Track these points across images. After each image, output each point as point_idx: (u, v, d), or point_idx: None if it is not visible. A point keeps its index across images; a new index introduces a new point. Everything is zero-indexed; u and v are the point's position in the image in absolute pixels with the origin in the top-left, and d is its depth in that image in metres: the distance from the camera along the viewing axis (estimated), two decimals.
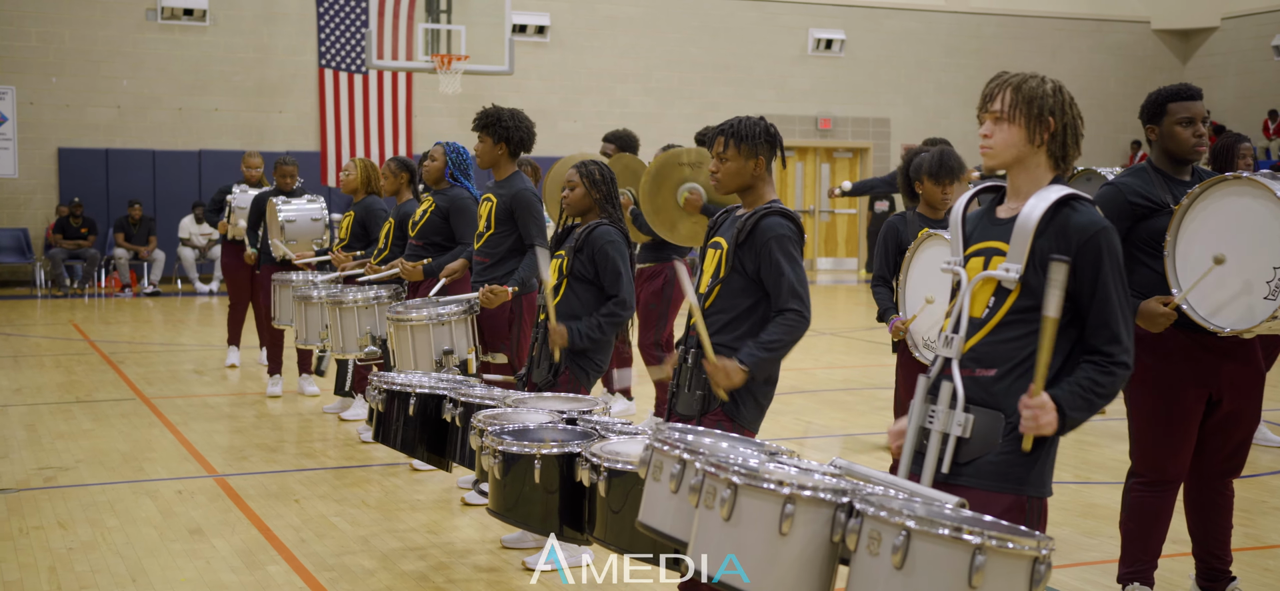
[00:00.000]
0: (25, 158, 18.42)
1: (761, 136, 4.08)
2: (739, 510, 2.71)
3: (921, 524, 2.49)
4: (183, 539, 5.60)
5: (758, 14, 22.20)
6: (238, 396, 9.41)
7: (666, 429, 3.12)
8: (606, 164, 5.24)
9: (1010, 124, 2.97)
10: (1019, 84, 2.99)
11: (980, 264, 3.00)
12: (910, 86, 23.30)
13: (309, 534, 5.68)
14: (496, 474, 3.82)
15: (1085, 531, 5.74)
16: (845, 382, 10.46)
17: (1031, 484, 2.90)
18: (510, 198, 5.98)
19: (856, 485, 2.76)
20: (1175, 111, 4.22)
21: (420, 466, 6.85)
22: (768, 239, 3.96)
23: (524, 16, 20.21)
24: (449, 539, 5.64)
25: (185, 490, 6.49)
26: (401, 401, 4.78)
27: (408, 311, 6.10)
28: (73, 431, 7.92)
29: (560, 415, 4.24)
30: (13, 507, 6.09)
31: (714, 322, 4.04)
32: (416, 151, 19.74)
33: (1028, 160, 3.00)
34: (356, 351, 7.20)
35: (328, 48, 19.43)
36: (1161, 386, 4.20)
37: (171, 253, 18.40)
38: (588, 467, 3.59)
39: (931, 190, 5.52)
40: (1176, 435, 4.21)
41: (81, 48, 18.52)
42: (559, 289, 5.12)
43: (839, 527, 2.65)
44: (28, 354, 11.65)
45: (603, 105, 21.10)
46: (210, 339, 12.89)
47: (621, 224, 5.15)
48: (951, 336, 2.98)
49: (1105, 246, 2.88)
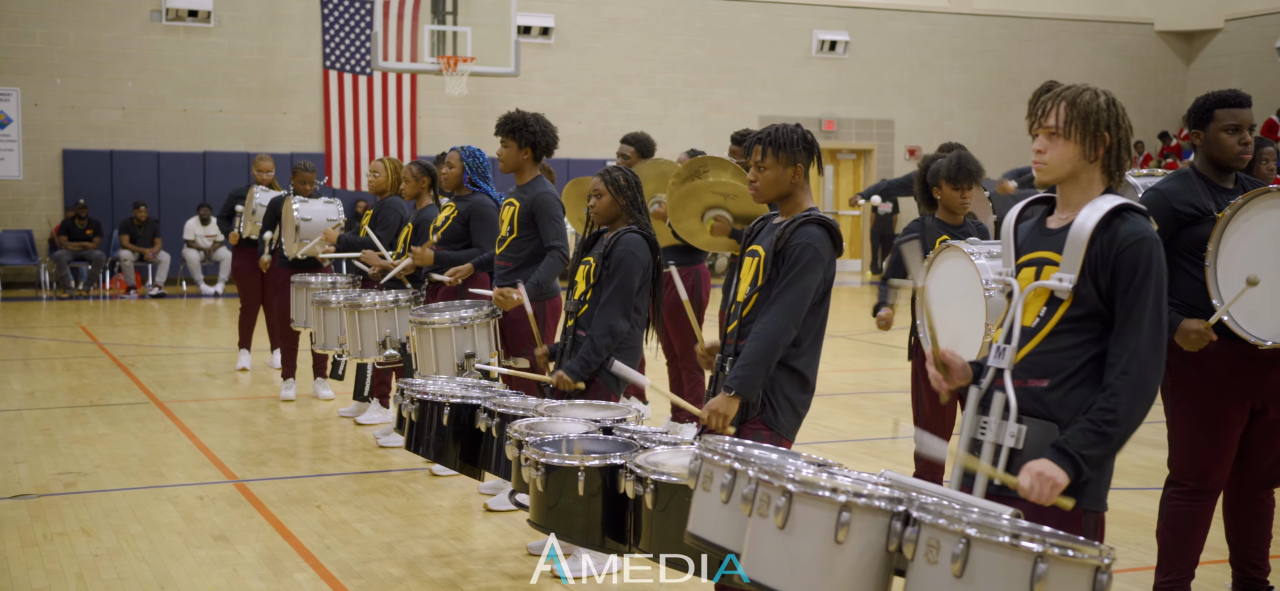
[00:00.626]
0: (30, 159, 18.39)
1: (799, 144, 4.07)
2: (794, 518, 2.69)
3: (981, 532, 2.48)
4: (207, 545, 5.59)
5: (762, 15, 22.19)
6: (251, 400, 9.39)
7: (715, 439, 3.11)
8: (631, 170, 5.22)
9: (1066, 140, 2.95)
10: (1073, 98, 2.96)
11: (1032, 274, 2.99)
12: (914, 88, 23.30)
13: (333, 540, 5.67)
14: (538, 485, 3.81)
15: (1111, 538, 5.69)
16: (857, 386, 10.45)
17: (1087, 496, 2.89)
18: (531, 201, 5.97)
19: (912, 495, 2.75)
20: (1222, 118, 4.20)
21: (440, 471, 6.83)
22: (797, 245, 3.96)
23: (528, 18, 20.20)
24: (474, 545, 5.63)
25: (206, 495, 6.47)
26: (435, 411, 4.78)
27: (429, 314, 6.09)
28: (89, 436, 7.90)
29: (596, 424, 4.23)
30: (35, 513, 6.07)
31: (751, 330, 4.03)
32: (421, 153, 19.72)
33: (1082, 175, 2.98)
34: (376, 354, 7.18)
35: (332, 49, 19.40)
36: (1203, 396, 4.19)
37: (176, 254, 18.38)
38: (632, 479, 3.58)
39: (950, 195, 5.50)
40: (1218, 445, 4.19)
41: (86, 49, 18.49)
42: (586, 296, 5.11)
43: (895, 536, 2.64)
44: (37, 357, 11.63)
45: (607, 107, 21.09)
46: (218, 341, 12.87)
47: (649, 231, 5.14)
48: (1003, 347, 2.97)
49: (1147, 257, 2.85)
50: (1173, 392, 4.28)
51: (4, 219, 18.23)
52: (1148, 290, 2.85)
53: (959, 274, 5.03)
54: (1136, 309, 2.84)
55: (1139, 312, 2.84)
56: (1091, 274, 2.88)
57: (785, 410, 4.07)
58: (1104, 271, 2.87)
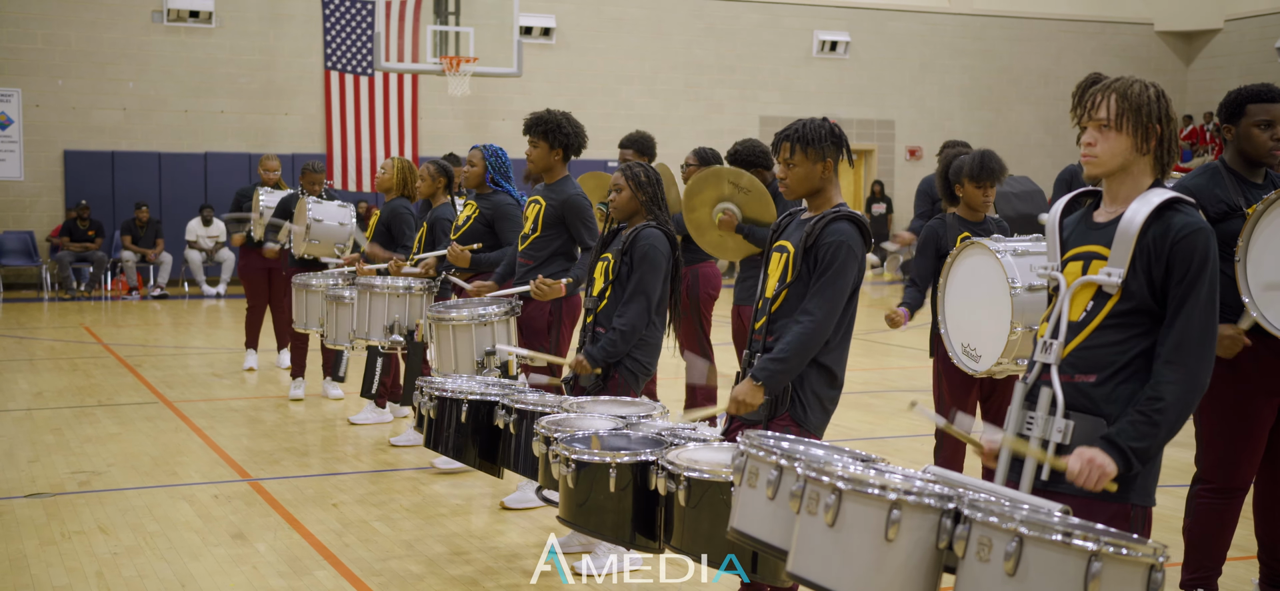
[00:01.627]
0: (31, 160, 18.34)
1: (827, 138, 4.06)
2: (844, 516, 2.68)
3: (1033, 529, 2.46)
4: (225, 543, 5.57)
5: (762, 16, 22.19)
6: (259, 399, 9.37)
7: (758, 435, 3.10)
8: (651, 166, 5.20)
9: (1117, 132, 2.92)
10: (1124, 90, 2.93)
11: (1078, 269, 2.97)
12: (915, 88, 23.31)
13: (351, 538, 5.65)
14: (569, 482, 3.79)
15: None
16: (866, 385, 10.44)
17: (1135, 492, 2.87)
18: (562, 203, 5.93)
19: (961, 492, 2.73)
20: (1254, 113, 4.18)
21: (442, 466, 6.82)
22: (830, 243, 3.96)
23: (530, 18, 20.19)
24: (495, 543, 5.61)
25: (221, 494, 6.45)
26: (454, 408, 4.76)
27: (449, 311, 6.07)
28: (100, 435, 7.87)
29: (621, 420, 4.22)
30: (51, 512, 6.05)
31: (781, 326, 4.03)
32: (423, 153, 19.69)
33: (1133, 168, 2.95)
34: (382, 339, 7.17)
35: (334, 50, 19.35)
36: (1232, 394, 4.17)
37: (178, 255, 18.34)
38: (664, 476, 3.56)
39: (972, 193, 5.48)
40: (1247, 443, 4.18)
41: (87, 50, 18.45)
42: (605, 292, 5.09)
43: (945, 534, 2.62)
44: (42, 357, 11.60)
45: (608, 107, 21.07)
46: (221, 341, 12.84)
47: (668, 226, 5.12)
48: (1050, 342, 2.96)
49: (1201, 247, 2.83)
50: None
51: (5, 220, 18.18)
52: (1202, 282, 2.83)
53: (983, 271, 5.01)
54: (1190, 300, 2.83)
55: (1192, 304, 2.82)
56: (1143, 268, 2.86)
57: (814, 407, 4.07)
58: (1158, 263, 2.85)
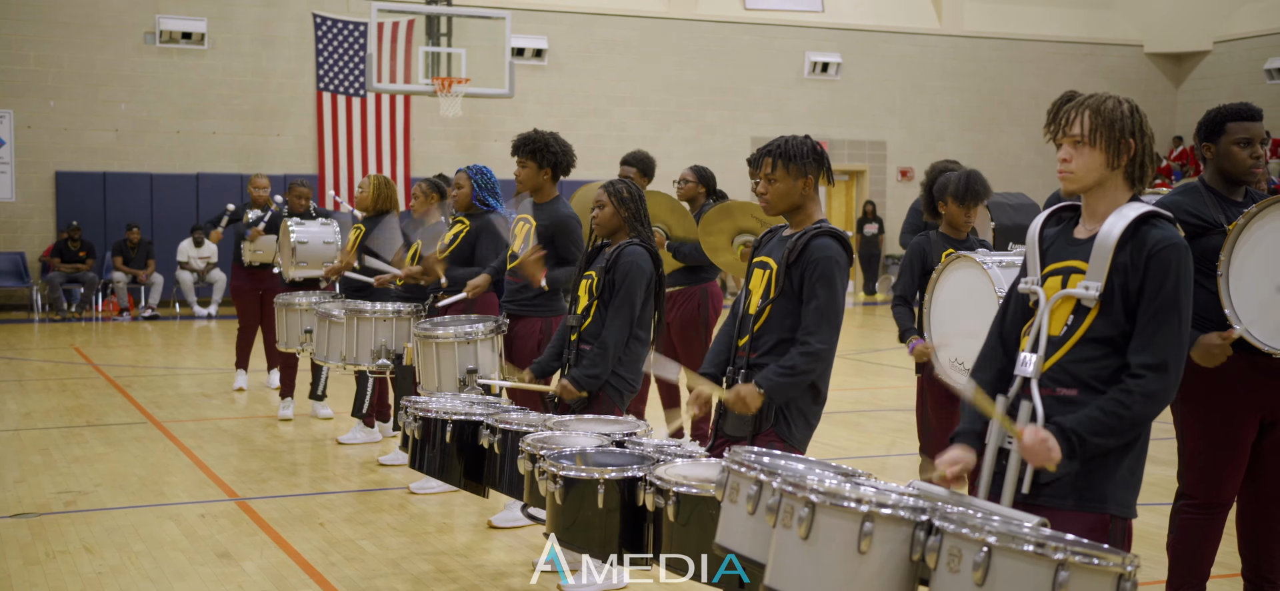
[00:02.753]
0: (23, 181, 18.34)
1: (809, 156, 4.09)
2: (817, 528, 2.69)
3: (1003, 540, 2.47)
4: (211, 562, 5.56)
5: (754, 37, 22.27)
6: (248, 419, 9.36)
7: (742, 451, 3.11)
8: (634, 182, 5.21)
9: (1091, 148, 2.96)
10: (1097, 107, 2.96)
11: (1058, 283, 2.99)
12: (906, 109, 23.39)
13: (338, 557, 5.64)
14: (557, 498, 3.79)
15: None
16: (855, 404, 10.45)
17: (1114, 503, 2.89)
18: (552, 223, 5.95)
19: (935, 505, 2.74)
20: (1234, 131, 4.21)
21: (417, 489, 6.81)
22: (815, 260, 3.98)
23: (522, 40, 20.24)
24: (481, 561, 5.61)
25: (208, 513, 6.44)
26: (438, 427, 4.75)
27: (434, 328, 6.08)
28: (88, 455, 7.86)
29: (608, 438, 4.22)
30: (36, 532, 6.03)
31: (764, 342, 4.04)
32: (415, 174, 19.71)
33: (1107, 183, 2.98)
34: (370, 363, 7.17)
35: (326, 71, 19.39)
36: (1215, 409, 4.19)
37: (170, 276, 18.32)
38: (652, 491, 3.57)
39: (955, 212, 5.51)
40: (1229, 459, 4.19)
41: (79, 71, 18.47)
42: (589, 309, 5.10)
43: (918, 546, 2.63)
44: (32, 378, 11.58)
45: (600, 128, 21.12)
46: (212, 362, 12.82)
47: (651, 244, 5.13)
48: (1030, 357, 2.97)
49: (1175, 262, 2.86)
50: (1183, 405, 4.28)
51: None
52: (1175, 296, 2.85)
53: (970, 283, 5.04)
54: (1162, 313, 2.85)
55: (1164, 317, 2.84)
56: (1120, 282, 2.89)
57: (798, 422, 4.09)
58: (1134, 276, 2.87)
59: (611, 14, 21.40)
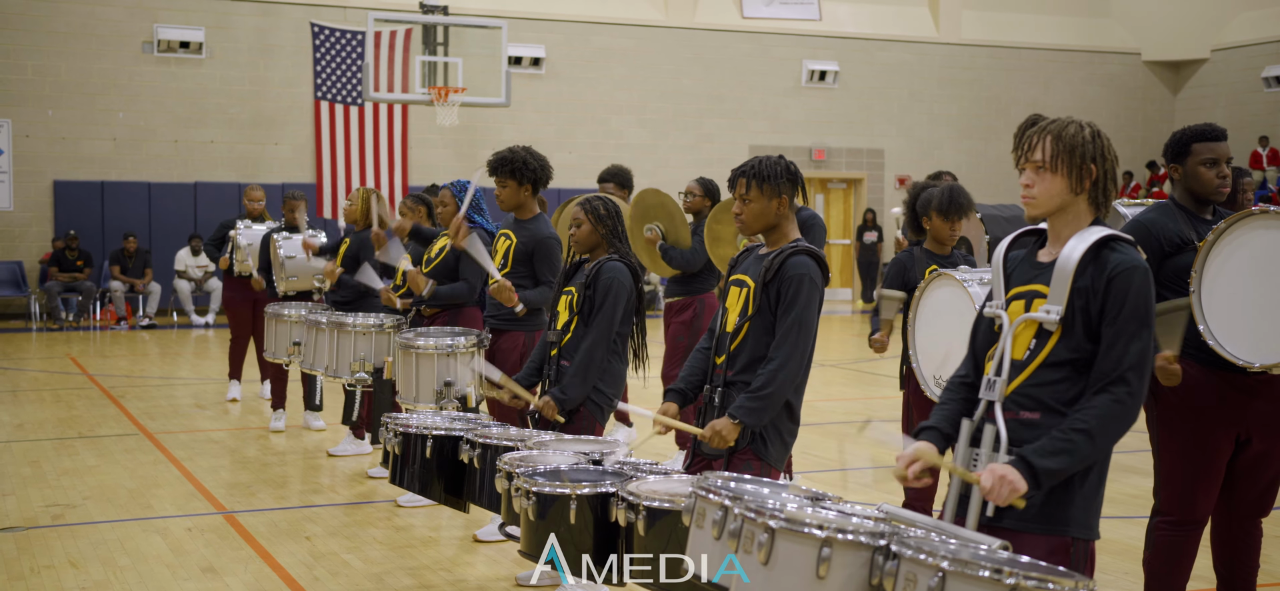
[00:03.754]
0: (21, 190, 18.38)
1: (783, 175, 4.11)
2: (776, 554, 2.71)
3: (956, 565, 2.49)
4: (195, 577, 5.57)
5: (751, 46, 22.31)
6: (241, 431, 9.37)
7: (711, 476, 3.12)
8: (612, 199, 5.23)
9: (1053, 173, 2.97)
10: (1058, 132, 2.98)
11: (1021, 307, 3.00)
12: (903, 117, 23.41)
13: (322, 571, 5.65)
14: (530, 515, 3.81)
15: (1098, 567, 5.71)
16: (847, 415, 10.45)
17: (1076, 525, 2.90)
18: (533, 242, 5.95)
19: (897, 528, 2.75)
20: (1199, 151, 4.23)
21: (405, 502, 6.82)
22: (791, 277, 4.00)
23: (519, 49, 20.27)
24: (463, 575, 5.62)
25: (194, 527, 6.46)
26: (418, 443, 4.77)
27: (416, 339, 6.10)
28: (78, 467, 7.88)
29: (586, 456, 4.24)
30: (22, 546, 6.05)
31: (741, 359, 4.06)
32: (412, 183, 19.76)
33: (1070, 208, 3.00)
34: (348, 375, 7.19)
35: (323, 80, 19.44)
36: (1189, 425, 4.20)
37: (167, 285, 18.36)
38: (624, 507, 3.58)
39: (940, 226, 5.54)
40: (1204, 475, 4.20)
41: (77, 80, 18.51)
42: (570, 325, 5.11)
43: (877, 570, 2.65)
44: (26, 388, 11.60)
45: (598, 136, 21.16)
46: (208, 372, 12.84)
47: (630, 259, 5.14)
48: (994, 380, 2.99)
49: (1136, 285, 2.87)
50: (1159, 422, 4.30)
51: None
52: (1135, 318, 2.86)
53: (951, 301, 5.06)
54: (1123, 335, 2.86)
55: (1124, 339, 2.85)
56: (1080, 305, 2.90)
57: (775, 441, 4.10)
58: (1094, 300, 2.88)
59: (609, 22, 21.44)
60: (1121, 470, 7.76)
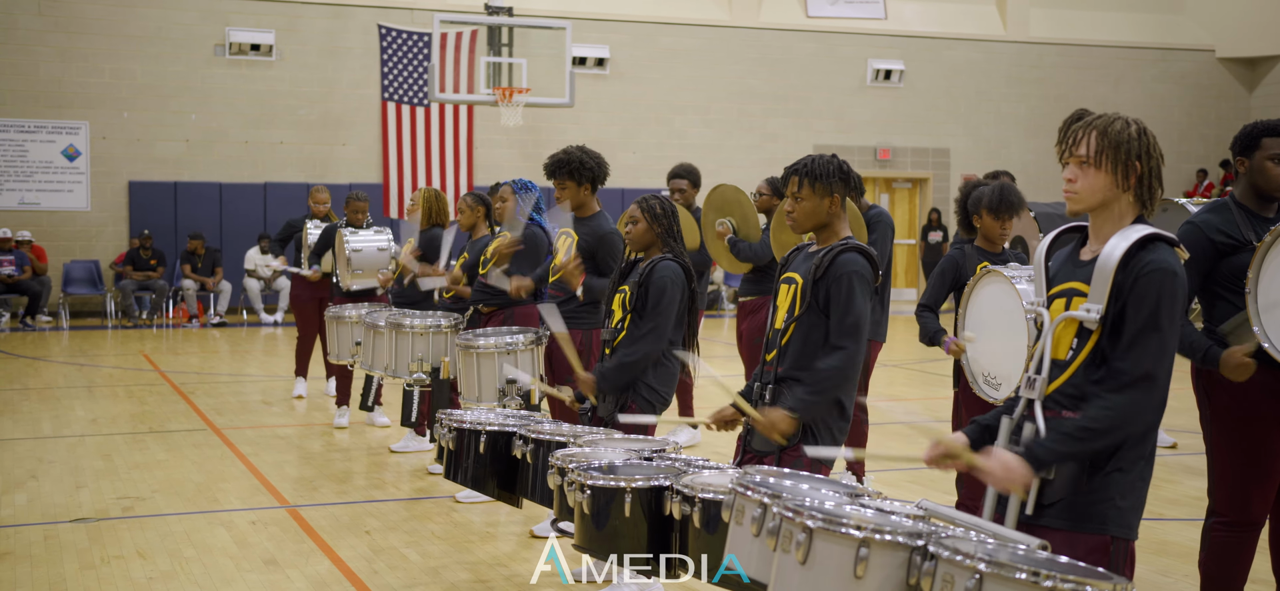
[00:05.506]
0: (97, 191, 18.81)
1: (835, 174, 4.12)
2: (814, 554, 2.72)
3: (993, 567, 2.49)
4: (258, 569, 5.69)
5: (817, 45, 22.22)
6: (306, 427, 9.54)
7: (750, 472, 3.15)
8: (668, 199, 5.27)
9: (1096, 169, 2.96)
10: (1104, 128, 2.96)
11: (1063, 305, 3.00)
12: (970, 117, 23.19)
13: (381, 565, 5.75)
14: (585, 509, 3.85)
15: (1160, 569, 5.68)
16: (908, 414, 10.40)
17: (1115, 524, 2.89)
18: (595, 239, 6.02)
19: (935, 528, 2.76)
20: (1269, 146, 4.18)
21: (464, 498, 6.90)
22: (842, 274, 4.02)
23: (584, 49, 20.37)
24: (518, 570, 5.69)
25: (258, 521, 6.59)
26: (472, 439, 4.83)
27: (476, 339, 6.17)
28: (148, 461, 8.07)
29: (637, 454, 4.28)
30: (94, 536, 6.22)
31: (790, 356, 4.08)
32: (477, 183, 19.94)
33: (1113, 204, 2.98)
34: (407, 375, 7.29)
35: (390, 81, 19.69)
36: (1243, 426, 4.15)
37: (237, 283, 18.70)
38: (679, 499, 3.62)
39: (990, 225, 5.52)
40: (1258, 476, 4.15)
41: (152, 83, 18.90)
42: (624, 323, 5.15)
43: (915, 570, 2.65)
44: (101, 384, 11.88)
45: (661, 136, 21.20)
46: (276, 369, 13.07)
47: (684, 258, 5.18)
48: (1034, 377, 2.98)
49: (1163, 289, 2.84)
50: (1213, 423, 4.25)
51: (72, 249, 18.64)
52: (1158, 318, 2.84)
53: (1000, 299, 5.04)
54: (1144, 334, 2.84)
55: (1145, 338, 2.84)
56: (1119, 304, 2.88)
57: (825, 438, 4.12)
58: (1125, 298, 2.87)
59: (673, 23, 21.47)
60: (1177, 470, 7.67)
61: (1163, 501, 7.03)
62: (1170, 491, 7.25)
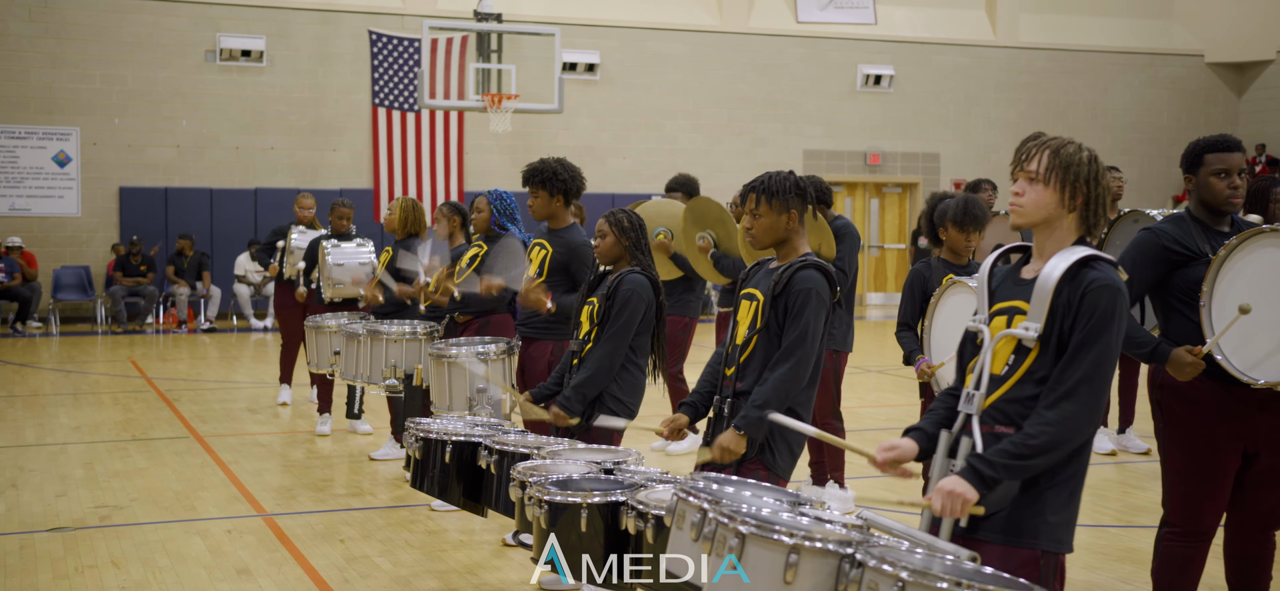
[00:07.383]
0: (88, 196, 18.85)
1: (791, 190, 4.18)
2: (746, 559, 2.78)
3: (915, 576, 2.54)
4: (230, 579, 5.74)
5: (806, 50, 22.28)
6: (289, 434, 9.58)
7: (693, 478, 3.20)
8: (636, 213, 5.31)
9: (1044, 186, 3.03)
10: (1057, 148, 3.04)
11: (1003, 322, 3.05)
12: (960, 122, 23.25)
13: (352, 574, 5.80)
14: (542, 523, 3.90)
15: (1122, 577, 5.72)
16: (889, 421, 10.45)
17: (1046, 538, 2.94)
18: (568, 252, 6.05)
19: (866, 536, 2.82)
20: (1211, 162, 4.25)
21: (438, 507, 6.94)
22: (800, 290, 4.07)
23: (574, 54, 20.42)
24: (488, 579, 5.73)
25: (234, 530, 6.63)
26: (438, 448, 4.87)
27: (448, 347, 6.22)
28: (128, 469, 8.11)
29: (597, 466, 4.32)
30: (69, 546, 6.26)
31: (750, 372, 4.14)
32: (468, 189, 19.99)
33: (1056, 223, 3.05)
34: (379, 381, 7.35)
35: (381, 87, 19.75)
36: (1195, 437, 4.20)
37: (228, 289, 18.75)
38: (634, 515, 3.66)
39: (955, 237, 5.58)
40: (1210, 487, 4.20)
41: (143, 89, 18.96)
42: (591, 334, 5.20)
43: (844, 578, 2.71)
44: (87, 391, 11.92)
45: (652, 142, 21.25)
46: (263, 375, 13.11)
47: (652, 272, 5.22)
48: (973, 393, 3.04)
49: (1108, 304, 2.90)
50: (1165, 434, 4.31)
51: (62, 255, 18.69)
52: (1100, 335, 2.89)
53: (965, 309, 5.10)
54: (1085, 349, 2.90)
55: (1086, 353, 2.89)
56: (1057, 323, 2.94)
57: (782, 451, 4.18)
58: (1068, 317, 2.93)
59: (663, 28, 21.53)
60: (1149, 477, 7.70)
61: (1133, 509, 7.09)
62: (1141, 499, 7.30)
